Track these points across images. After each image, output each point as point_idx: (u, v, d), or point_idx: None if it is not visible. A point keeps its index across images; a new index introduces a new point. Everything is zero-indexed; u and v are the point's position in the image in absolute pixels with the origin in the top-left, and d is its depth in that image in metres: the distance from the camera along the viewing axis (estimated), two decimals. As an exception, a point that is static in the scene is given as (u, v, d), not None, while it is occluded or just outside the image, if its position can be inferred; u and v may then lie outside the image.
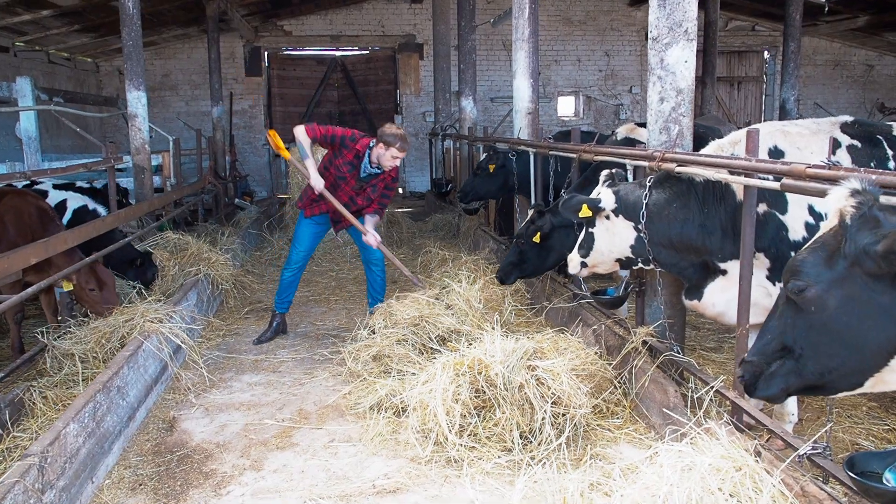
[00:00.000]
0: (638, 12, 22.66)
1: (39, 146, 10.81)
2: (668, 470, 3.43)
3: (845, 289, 2.84)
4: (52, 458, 4.12)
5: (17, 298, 5.86)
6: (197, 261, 8.69)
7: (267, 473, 4.74)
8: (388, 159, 7.13)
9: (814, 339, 2.94)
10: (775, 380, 3.06)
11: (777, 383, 3.06)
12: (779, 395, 3.11)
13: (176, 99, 21.40)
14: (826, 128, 5.01)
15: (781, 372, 3.04)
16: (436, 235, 13.00)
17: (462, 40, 15.61)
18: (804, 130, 4.97)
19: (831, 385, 3.00)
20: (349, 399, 5.83)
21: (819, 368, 2.95)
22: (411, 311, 6.64)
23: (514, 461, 4.57)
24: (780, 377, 3.04)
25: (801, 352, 2.98)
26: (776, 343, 3.05)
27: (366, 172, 7.29)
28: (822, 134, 4.92)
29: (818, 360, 2.95)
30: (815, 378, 2.99)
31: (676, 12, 5.45)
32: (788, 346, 3.02)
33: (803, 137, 4.90)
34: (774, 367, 3.05)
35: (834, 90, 24.31)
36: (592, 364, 5.30)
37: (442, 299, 7.06)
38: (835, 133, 4.95)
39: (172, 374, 6.44)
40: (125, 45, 9.40)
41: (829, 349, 2.91)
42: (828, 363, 2.93)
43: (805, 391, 3.19)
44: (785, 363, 3.03)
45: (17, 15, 14.10)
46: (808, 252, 2.96)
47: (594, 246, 5.31)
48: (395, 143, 7.04)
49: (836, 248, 2.86)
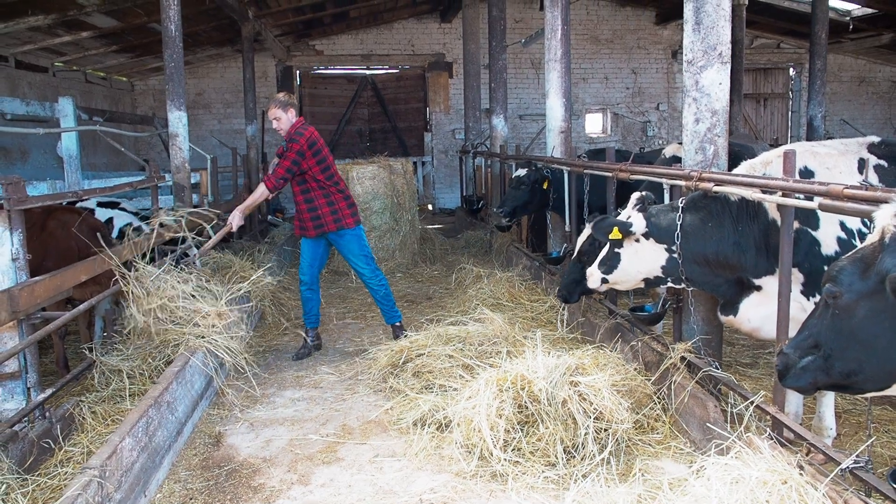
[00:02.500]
0: (664, 31, 22.74)
1: (80, 164, 11.02)
2: (716, 483, 3.51)
3: (874, 302, 2.98)
4: (109, 471, 4.21)
5: (70, 316, 5.95)
6: (240, 279, 8.81)
7: (315, 488, 4.83)
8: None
9: (842, 343, 3.14)
10: (806, 374, 3.28)
11: (807, 377, 3.28)
12: (807, 387, 3.34)
13: (209, 117, 21.68)
14: (854, 148, 5.18)
15: (812, 367, 3.25)
16: (468, 252, 13.02)
17: (493, 59, 15.74)
18: (833, 151, 5.12)
19: (857, 386, 3.21)
20: (391, 414, 5.93)
21: (844, 370, 3.15)
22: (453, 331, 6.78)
23: (559, 475, 4.63)
24: (809, 372, 3.26)
25: (829, 352, 3.18)
26: (811, 340, 3.26)
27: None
28: (851, 154, 5.09)
29: (844, 362, 3.14)
30: (840, 377, 3.19)
31: (711, 36, 5.56)
32: (820, 344, 3.21)
33: (832, 157, 5.04)
34: (806, 361, 3.27)
35: (860, 106, 24.23)
36: (632, 380, 5.38)
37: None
38: (862, 153, 5.10)
39: (217, 390, 6.56)
40: (167, 67, 9.57)
41: (854, 353, 3.09)
42: (853, 366, 3.13)
43: (833, 388, 3.40)
44: (815, 360, 3.23)
45: (57, 36, 14.39)
46: (847, 261, 3.10)
47: (619, 266, 5.42)
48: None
49: (872, 263, 2.98)
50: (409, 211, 12.51)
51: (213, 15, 15.88)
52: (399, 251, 12.13)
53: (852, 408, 5.75)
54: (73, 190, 7.84)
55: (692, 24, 5.64)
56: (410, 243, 12.53)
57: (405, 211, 12.38)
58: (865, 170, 4.89)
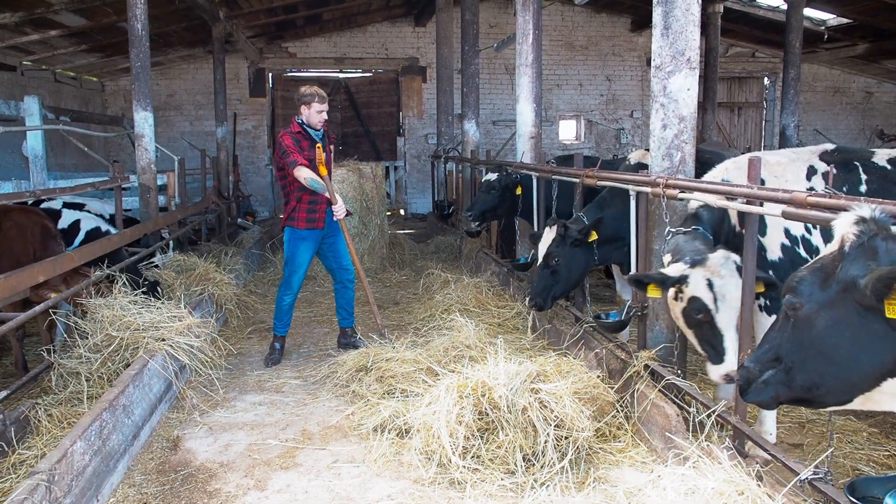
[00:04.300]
0: (640, 38, 22.82)
1: (46, 165, 10.88)
2: (671, 493, 3.47)
3: (835, 312, 2.94)
4: (59, 475, 4.14)
5: (24, 317, 5.90)
6: (202, 281, 8.73)
7: (271, 493, 4.76)
8: (315, 115, 7.39)
9: (803, 355, 3.08)
10: (767, 388, 3.20)
11: (768, 391, 3.20)
12: (769, 402, 3.28)
13: (180, 119, 21.49)
14: (805, 156, 5.28)
15: (773, 381, 3.18)
16: (438, 257, 13.03)
17: (465, 64, 15.72)
18: (783, 159, 5.23)
19: (820, 399, 3.15)
20: (353, 420, 5.86)
21: (806, 382, 3.09)
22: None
23: (518, 483, 4.58)
24: (771, 386, 3.19)
25: (791, 364, 3.12)
26: (772, 353, 3.20)
27: (318, 138, 7.50)
28: (801, 162, 5.20)
29: (806, 374, 3.08)
30: (803, 391, 3.12)
31: (679, 41, 5.54)
32: (781, 357, 3.15)
33: (780, 166, 5.15)
34: (767, 375, 3.19)
35: (834, 116, 24.44)
36: (595, 387, 5.32)
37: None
38: (813, 161, 5.21)
39: (177, 393, 6.47)
40: (133, 66, 9.47)
41: (816, 366, 3.04)
42: (815, 379, 3.06)
43: (795, 402, 3.33)
44: (777, 373, 3.16)
45: (25, 35, 14.21)
46: (807, 271, 3.06)
47: None
48: (313, 99, 7.33)
49: (832, 273, 2.95)
50: (378, 215, 12.45)
51: (184, 15, 15.75)
52: (367, 255, 12.06)
53: (816, 418, 5.73)
54: (30, 190, 7.71)
55: (661, 29, 5.62)
56: (379, 248, 12.47)
57: (374, 215, 12.32)
58: (813, 177, 4.97)
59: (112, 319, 6.50)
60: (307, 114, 7.36)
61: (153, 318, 6.72)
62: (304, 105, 7.33)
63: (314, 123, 7.40)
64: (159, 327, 6.64)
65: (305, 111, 7.35)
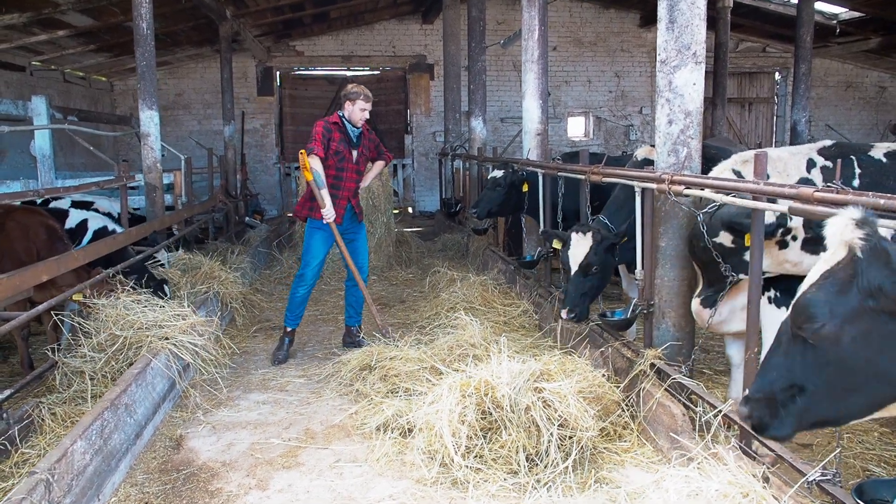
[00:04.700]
0: (648, 34, 22.69)
1: (53, 164, 10.89)
2: (674, 496, 3.41)
3: (861, 324, 2.73)
4: (59, 475, 4.13)
5: (27, 316, 5.90)
6: (208, 279, 8.71)
7: (272, 493, 4.73)
8: (357, 113, 7.52)
9: (829, 376, 2.81)
10: (788, 419, 2.90)
11: (789, 423, 2.91)
12: (791, 434, 2.98)
13: (189, 118, 21.51)
14: (804, 151, 5.25)
15: (793, 411, 2.89)
16: (445, 255, 12.99)
17: (472, 61, 15.67)
18: (784, 154, 5.19)
19: (845, 417, 2.91)
20: (356, 419, 5.83)
21: (834, 403, 2.84)
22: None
23: (520, 484, 4.54)
24: (792, 416, 2.90)
25: (814, 388, 2.84)
26: (783, 381, 2.91)
27: (354, 135, 7.62)
28: (801, 156, 5.16)
29: (833, 394, 2.83)
30: (829, 413, 2.88)
31: (685, 35, 5.47)
32: (798, 383, 2.88)
33: (782, 161, 5.10)
34: (784, 405, 2.91)
35: (846, 111, 24.23)
36: (600, 386, 5.26)
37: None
38: (812, 155, 5.17)
39: (181, 392, 6.45)
40: (139, 65, 9.46)
41: (844, 383, 2.81)
42: (844, 396, 2.82)
43: (817, 426, 3.05)
44: (796, 401, 2.89)
45: (33, 35, 14.24)
46: (816, 290, 2.85)
47: None
48: (358, 97, 7.46)
49: (848, 283, 2.77)
50: (385, 213, 12.42)
51: (191, 14, 15.75)
52: (374, 254, 11.99)
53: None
54: (35, 189, 7.70)
55: (666, 23, 5.54)
56: (385, 246, 12.44)
57: (380, 213, 12.30)
58: (812, 170, 4.96)
59: (116, 318, 6.51)
60: (350, 110, 7.49)
61: (157, 316, 6.72)
62: (349, 101, 7.47)
63: (355, 121, 7.54)
64: (163, 326, 6.64)
65: (349, 107, 7.48)
